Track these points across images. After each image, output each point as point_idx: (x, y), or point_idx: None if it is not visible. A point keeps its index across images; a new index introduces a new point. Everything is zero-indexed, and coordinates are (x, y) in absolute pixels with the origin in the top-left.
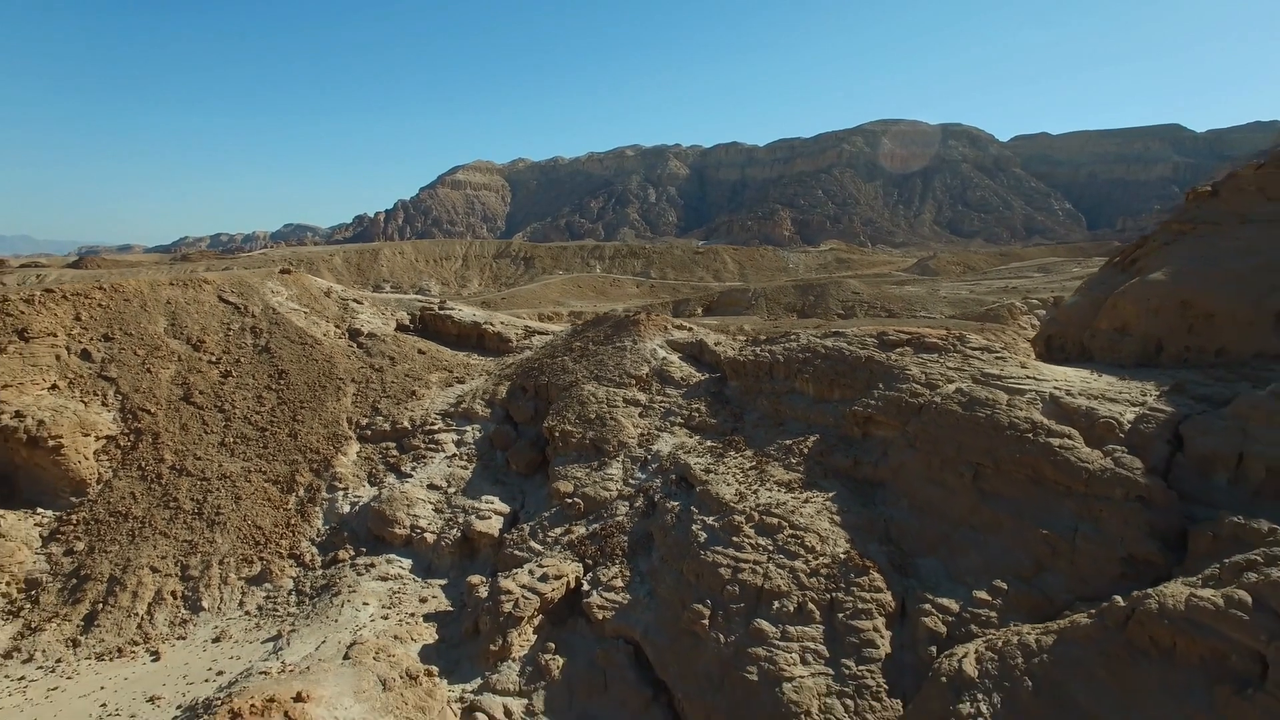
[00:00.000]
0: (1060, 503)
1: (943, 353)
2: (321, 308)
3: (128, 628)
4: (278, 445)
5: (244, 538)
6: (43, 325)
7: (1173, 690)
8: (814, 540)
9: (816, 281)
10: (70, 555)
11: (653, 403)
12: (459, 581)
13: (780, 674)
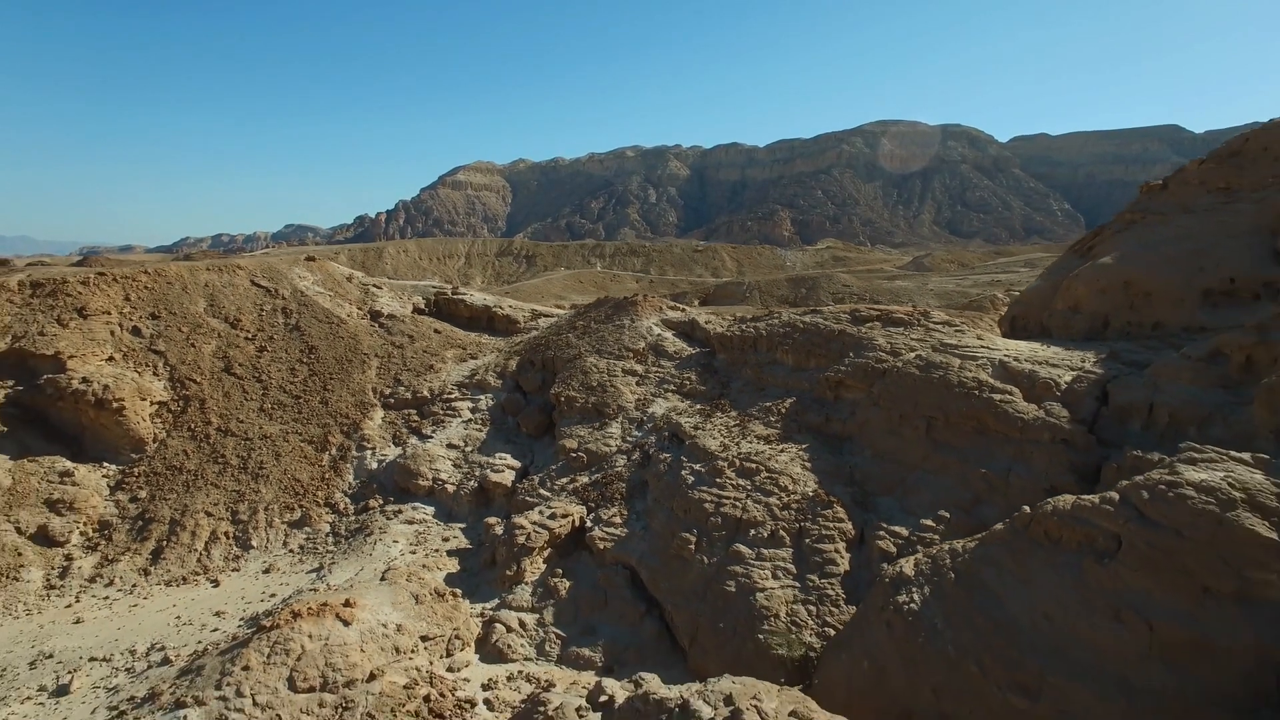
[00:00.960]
0: (999, 448)
1: (908, 326)
2: (344, 291)
3: (189, 561)
4: (311, 411)
5: (285, 488)
6: (98, 304)
7: (1056, 567)
8: (787, 481)
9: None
10: (135, 501)
11: (648, 373)
12: (476, 525)
13: (754, 586)
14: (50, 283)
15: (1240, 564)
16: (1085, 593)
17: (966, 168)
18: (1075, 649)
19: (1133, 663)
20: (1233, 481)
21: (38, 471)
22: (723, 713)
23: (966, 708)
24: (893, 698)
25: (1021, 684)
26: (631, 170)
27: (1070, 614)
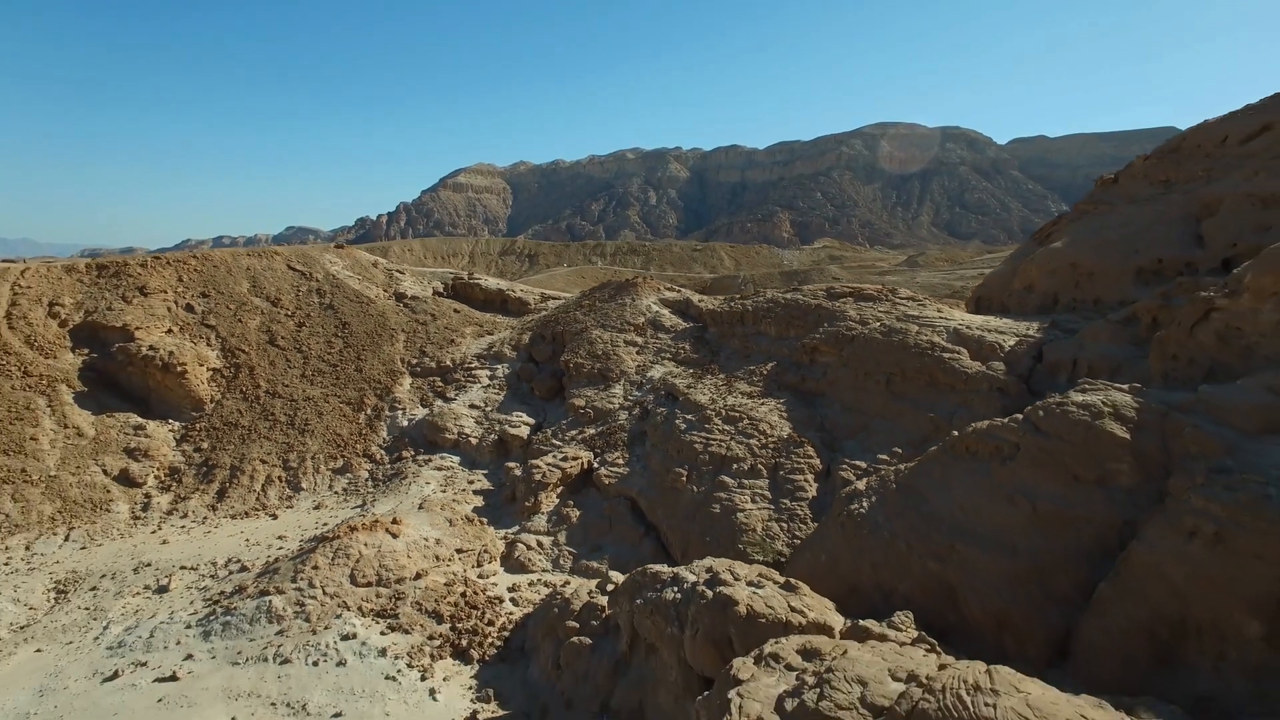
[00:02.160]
0: (946, 397)
1: (876, 301)
2: (371, 276)
3: (249, 499)
4: (347, 377)
5: (328, 442)
6: (156, 284)
7: (971, 472)
8: (766, 427)
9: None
10: (199, 451)
11: (647, 343)
12: (497, 471)
13: (736, 508)
14: (114, 265)
15: (1102, 458)
16: (990, 487)
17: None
18: (978, 527)
19: (1019, 533)
20: (1105, 400)
21: (115, 425)
22: (704, 576)
23: (896, 576)
24: (841, 578)
25: (937, 554)
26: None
27: (977, 503)
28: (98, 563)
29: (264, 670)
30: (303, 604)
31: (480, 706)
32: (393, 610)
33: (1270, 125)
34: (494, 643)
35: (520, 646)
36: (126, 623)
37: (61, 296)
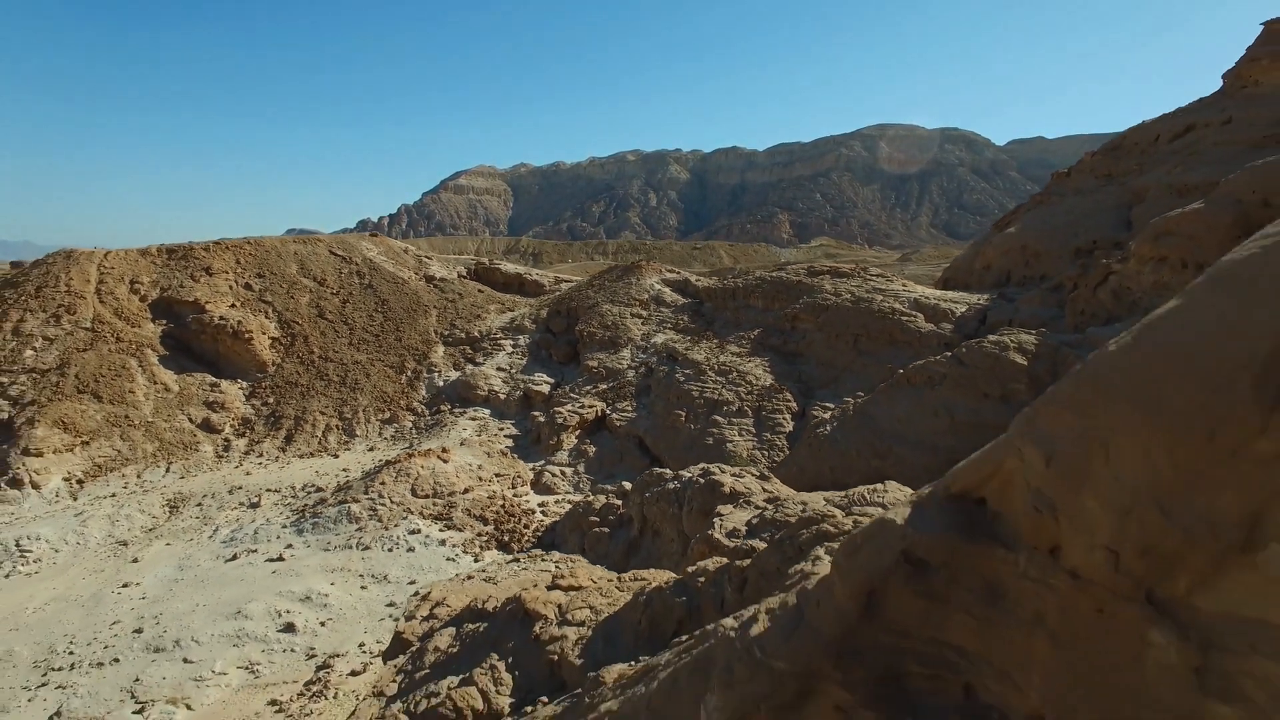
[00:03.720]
0: (903, 352)
1: (850, 277)
2: (403, 260)
3: (313, 443)
4: (389, 345)
5: (376, 398)
6: (219, 265)
7: (909, 396)
8: (752, 379)
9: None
10: (266, 405)
11: (651, 316)
12: (523, 420)
13: (725, 440)
14: (181, 249)
15: (1005, 380)
16: (922, 405)
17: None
18: (910, 434)
19: (940, 436)
20: (1012, 339)
21: (194, 382)
22: (698, 472)
23: (847, 474)
24: (806, 481)
25: (878, 454)
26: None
27: (911, 417)
28: (197, 487)
29: (350, 555)
30: (375, 509)
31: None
32: (447, 515)
33: (1192, 126)
34: (529, 539)
35: (550, 542)
36: (231, 527)
37: (140, 276)
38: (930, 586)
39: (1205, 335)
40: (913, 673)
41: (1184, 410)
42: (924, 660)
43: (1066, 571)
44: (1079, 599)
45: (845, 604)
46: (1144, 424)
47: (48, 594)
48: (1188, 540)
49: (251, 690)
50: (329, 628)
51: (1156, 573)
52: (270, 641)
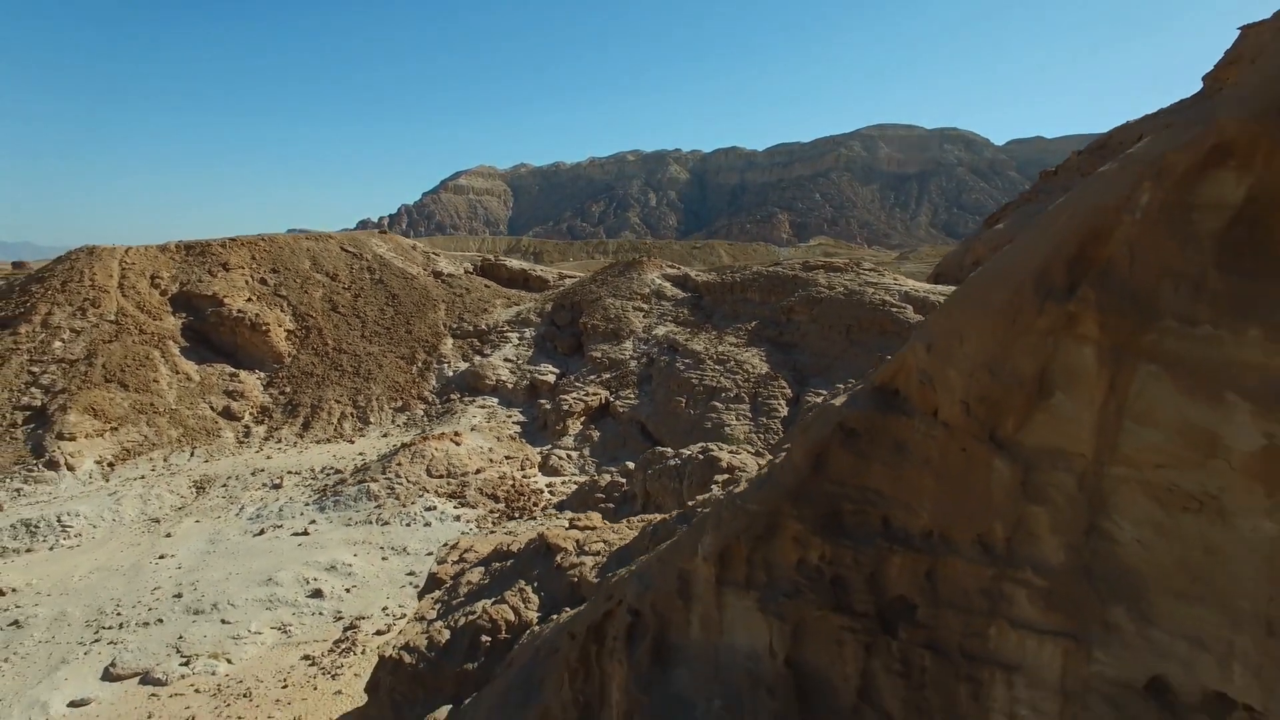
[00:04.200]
0: (893, 340)
1: (843, 272)
2: (411, 257)
3: (329, 430)
4: (399, 338)
5: (388, 387)
6: (235, 261)
7: None
8: (749, 367)
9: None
10: (283, 394)
11: (652, 309)
12: (530, 409)
13: (724, 424)
14: (198, 245)
15: None
16: None
17: (963, 170)
18: None
19: None
20: None
21: (215, 373)
22: (697, 449)
23: None
24: None
25: None
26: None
27: None
28: (221, 469)
29: (370, 529)
30: (393, 488)
31: None
32: (460, 493)
33: (1171, 125)
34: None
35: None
36: (256, 505)
37: (160, 271)
38: (858, 448)
39: (1014, 260)
40: (847, 510)
41: (1000, 307)
42: (854, 500)
43: (941, 423)
44: (950, 443)
45: (800, 463)
46: (981, 317)
47: (90, 564)
48: (1005, 391)
49: (285, 647)
50: (354, 594)
51: (993, 417)
52: (300, 605)
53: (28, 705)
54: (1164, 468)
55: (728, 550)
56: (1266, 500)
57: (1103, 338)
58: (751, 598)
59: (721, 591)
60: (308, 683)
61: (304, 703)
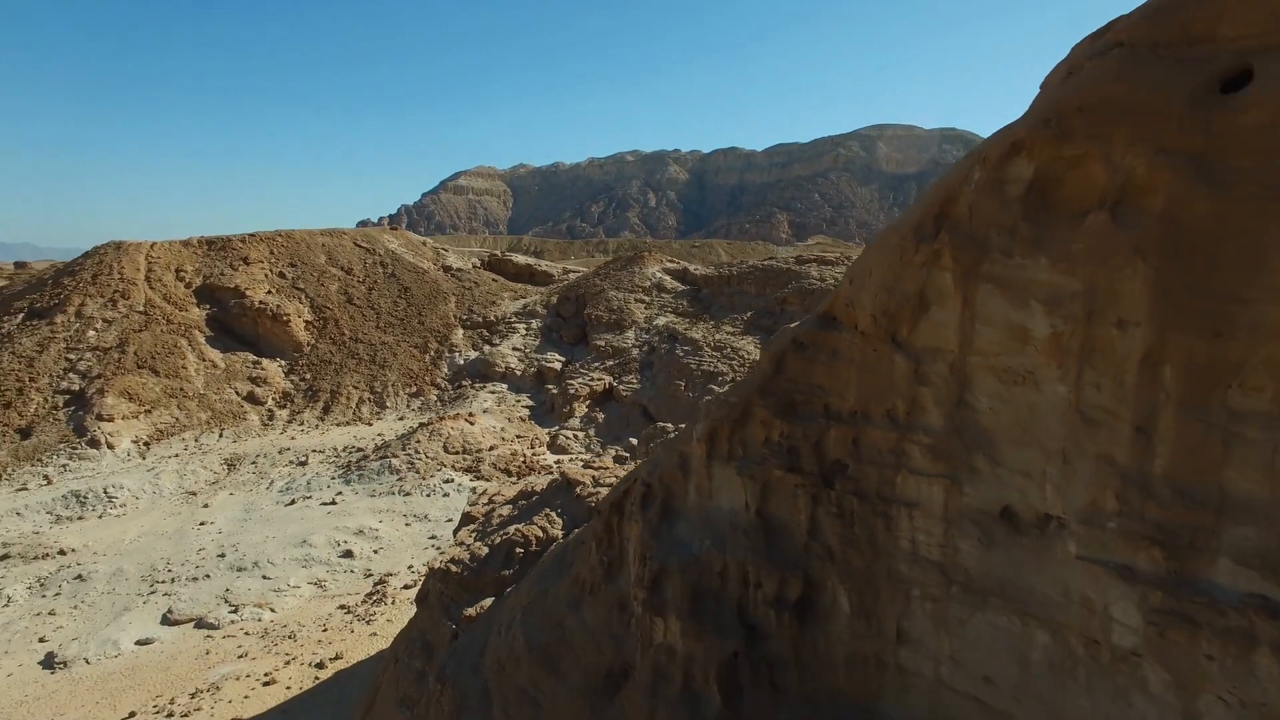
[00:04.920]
0: None
1: (834, 265)
2: (422, 252)
3: (348, 413)
4: (412, 328)
5: (403, 374)
6: (255, 255)
7: None
8: (744, 354)
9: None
10: (303, 380)
11: (653, 301)
12: (538, 394)
13: None
14: (219, 240)
15: None
16: None
17: None
18: None
19: None
20: None
21: (239, 360)
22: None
23: None
24: None
25: None
26: (631, 174)
27: None
28: (249, 449)
29: (393, 499)
30: (413, 462)
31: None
32: (475, 467)
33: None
34: None
35: None
36: (285, 480)
37: (184, 265)
38: (806, 355)
39: (904, 218)
40: (798, 400)
41: (893, 248)
42: (803, 392)
43: (860, 333)
44: (865, 346)
45: (766, 367)
46: (882, 256)
47: (138, 530)
48: (899, 306)
49: (322, 599)
50: (381, 554)
51: (892, 326)
52: (333, 564)
53: (101, 642)
54: (1001, 355)
55: (714, 433)
56: (1058, 370)
57: (956, 267)
58: (732, 467)
59: (710, 464)
60: (345, 627)
61: (343, 642)
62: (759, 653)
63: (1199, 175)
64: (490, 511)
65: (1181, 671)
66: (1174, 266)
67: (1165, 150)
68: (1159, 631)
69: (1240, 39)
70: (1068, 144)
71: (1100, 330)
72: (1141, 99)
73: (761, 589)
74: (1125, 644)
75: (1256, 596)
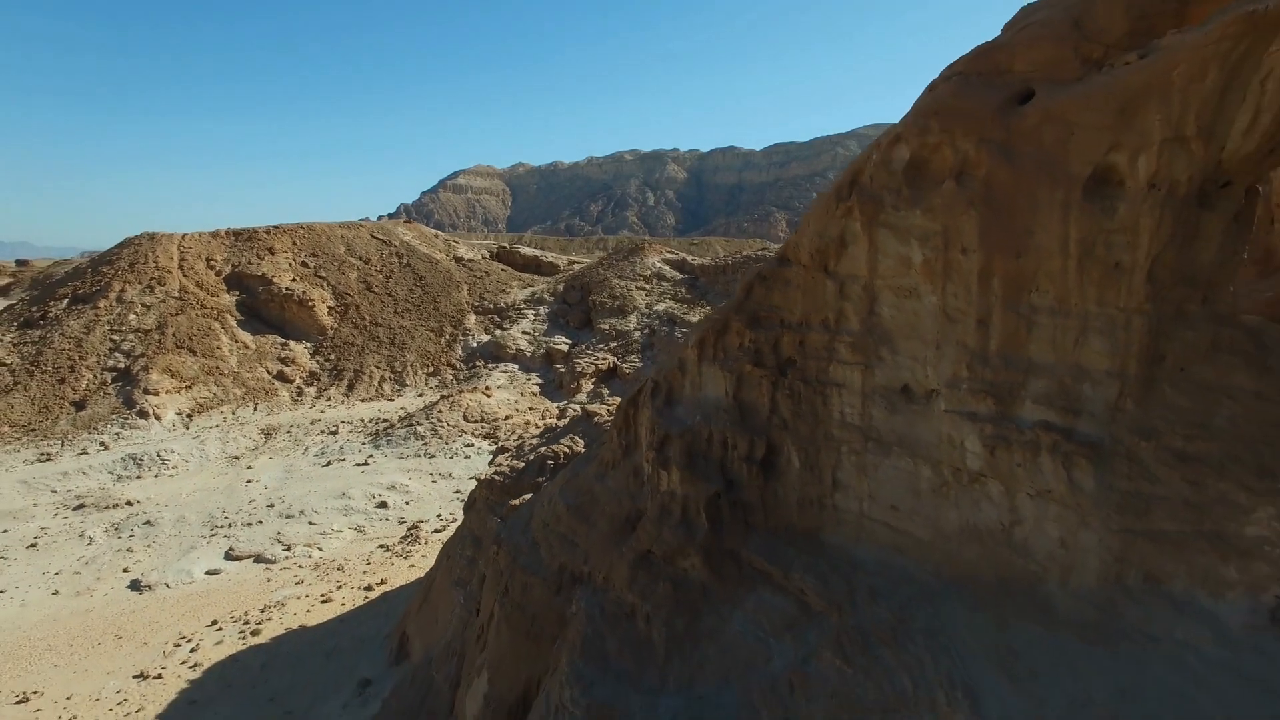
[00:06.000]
0: None
1: None
2: (434, 244)
3: (370, 391)
4: (428, 314)
5: (421, 355)
6: (280, 246)
7: None
8: None
9: None
10: (328, 361)
11: (653, 289)
12: (547, 373)
13: None
14: (246, 232)
15: None
16: None
17: None
18: None
19: None
20: None
21: (268, 342)
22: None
23: None
24: None
25: None
26: (630, 174)
27: None
28: (282, 421)
29: (420, 461)
30: (436, 430)
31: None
32: (492, 434)
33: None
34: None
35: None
36: (319, 446)
37: (214, 254)
38: (766, 284)
39: (831, 186)
40: (761, 316)
41: (823, 205)
42: (765, 310)
43: (802, 265)
44: (806, 275)
45: (739, 293)
46: (817, 210)
47: (192, 487)
48: (827, 245)
49: (363, 541)
50: (412, 505)
51: (823, 259)
52: (370, 513)
53: (176, 572)
54: (895, 277)
55: (703, 341)
56: (930, 286)
57: (863, 218)
58: (716, 365)
59: (700, 364)
60: (385, 561)
61: (385, 571)
62: (734, 496)
63: (1004, 155)
64: (521, 444)
65: (1005, 478)
66: (992, 213)
67: (984, 140)
68: (990, 451)
69: (1026, 72)
70: (929, 136)
71: (953, 256)
72: (970, 108)
73: (736, 450)
74: (974, 466)
75: (1042, 421)
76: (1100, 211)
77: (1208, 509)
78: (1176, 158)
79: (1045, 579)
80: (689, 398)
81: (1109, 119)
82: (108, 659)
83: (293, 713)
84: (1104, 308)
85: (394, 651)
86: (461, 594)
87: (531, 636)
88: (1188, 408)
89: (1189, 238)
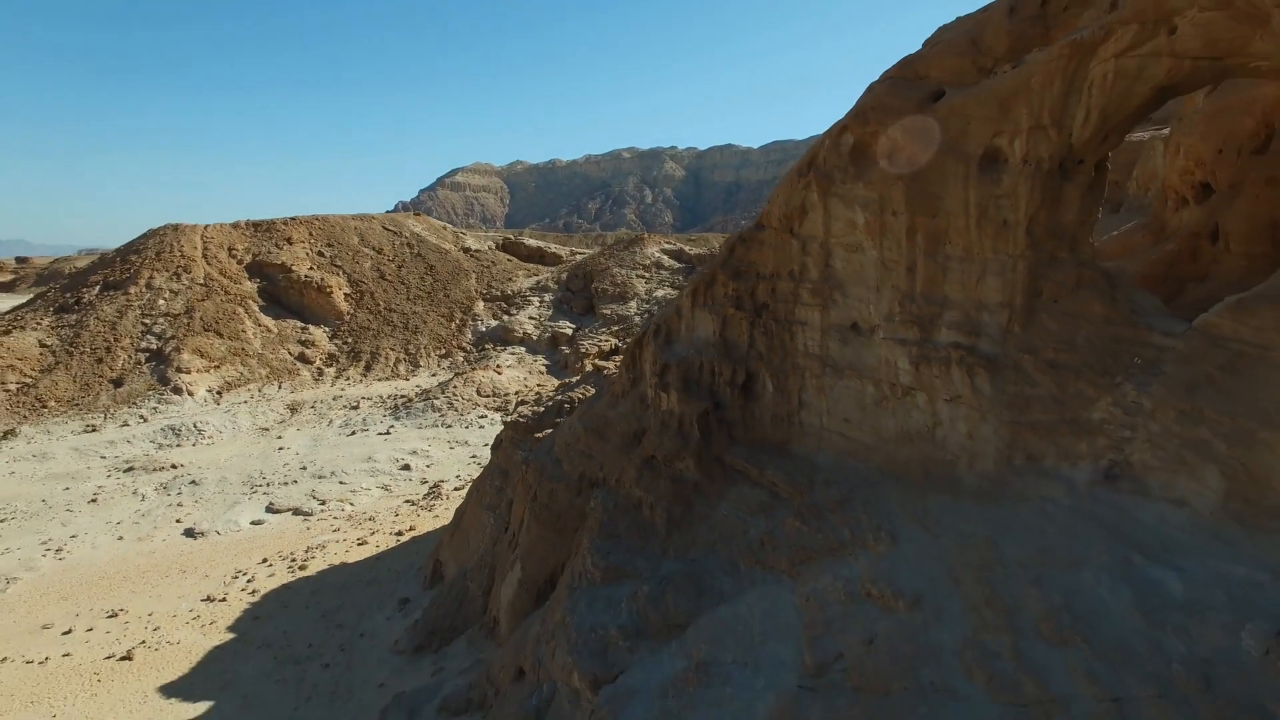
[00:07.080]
0: None
1: None
2: (443, 235)
3: (386, 371)
4: (439, 300)
5: (433, 339)
6: (297, 236)
7: None
8: None
9: None
10: (346, 344)
11: (653, 277)
12: (552, 354)
13: None
14: (265, 223)
15: None
16: None
17: None
18: None
19: None
20: None
21: (289, 326)
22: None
23: None
24: None
25: None
26: (628, 171)
27: None
28: (306, 397)
29: (437, 430)
30: (451, 403)
31: None
32: (504, 407)
33: None
34: None
35: None
36: (343, 418)
37: (235, 244)
38: (746, 244)
39: (797, 164)
40: (744, 271)
41: (789, 180)
42: (745, 265)
43: (774, 228)
44: (776, 236)
45: (723, 251)
46: (784, 184)
47: (229, 453)
48: (791, 211)
49: (390, 498)
50: (432, 468)
51: (789, 223)
52: (394, 474)
53: (225, 522)
54: (844, 236)
55: (695, 290)
56: (870, 242)
57: (819, 190)
58: (706, 309)
59: (693, 310)
60: (412, 513)
61: (413, 520)
62: (720, 415)
63: (922, 140)
64: (538, 398)
65: (928, 389)
66: (915, 183)
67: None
68: (916, 368)
69: (938, 77)
70: (868, 126)
71: (887, 218)
72: (897, 104)
73: (722, 376)
74: (905, 381)
75: (953, 343)
76: (991, 181)
77: (1068, 402)
78: (1040, 141)
79: (957, 465)
80: (684, 337)
81: (993, 112)
82: (176, 587)
83: (344, 625)
84: (997, 255)
85: (428, 576)
86: (491, 517)
87: (557, 530)
88: (1057, 330)
89: (1055, 201)
